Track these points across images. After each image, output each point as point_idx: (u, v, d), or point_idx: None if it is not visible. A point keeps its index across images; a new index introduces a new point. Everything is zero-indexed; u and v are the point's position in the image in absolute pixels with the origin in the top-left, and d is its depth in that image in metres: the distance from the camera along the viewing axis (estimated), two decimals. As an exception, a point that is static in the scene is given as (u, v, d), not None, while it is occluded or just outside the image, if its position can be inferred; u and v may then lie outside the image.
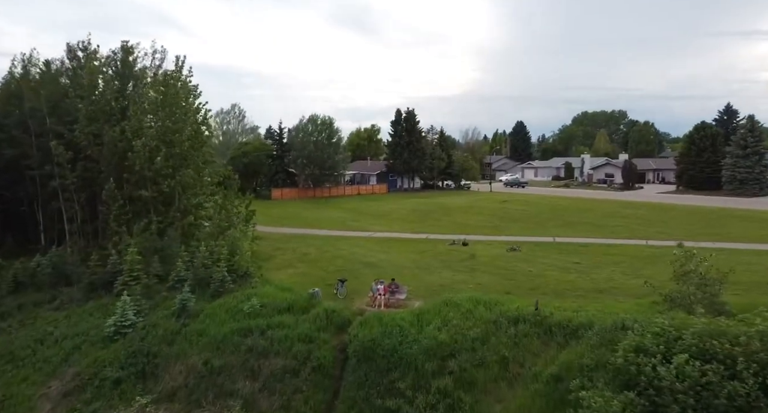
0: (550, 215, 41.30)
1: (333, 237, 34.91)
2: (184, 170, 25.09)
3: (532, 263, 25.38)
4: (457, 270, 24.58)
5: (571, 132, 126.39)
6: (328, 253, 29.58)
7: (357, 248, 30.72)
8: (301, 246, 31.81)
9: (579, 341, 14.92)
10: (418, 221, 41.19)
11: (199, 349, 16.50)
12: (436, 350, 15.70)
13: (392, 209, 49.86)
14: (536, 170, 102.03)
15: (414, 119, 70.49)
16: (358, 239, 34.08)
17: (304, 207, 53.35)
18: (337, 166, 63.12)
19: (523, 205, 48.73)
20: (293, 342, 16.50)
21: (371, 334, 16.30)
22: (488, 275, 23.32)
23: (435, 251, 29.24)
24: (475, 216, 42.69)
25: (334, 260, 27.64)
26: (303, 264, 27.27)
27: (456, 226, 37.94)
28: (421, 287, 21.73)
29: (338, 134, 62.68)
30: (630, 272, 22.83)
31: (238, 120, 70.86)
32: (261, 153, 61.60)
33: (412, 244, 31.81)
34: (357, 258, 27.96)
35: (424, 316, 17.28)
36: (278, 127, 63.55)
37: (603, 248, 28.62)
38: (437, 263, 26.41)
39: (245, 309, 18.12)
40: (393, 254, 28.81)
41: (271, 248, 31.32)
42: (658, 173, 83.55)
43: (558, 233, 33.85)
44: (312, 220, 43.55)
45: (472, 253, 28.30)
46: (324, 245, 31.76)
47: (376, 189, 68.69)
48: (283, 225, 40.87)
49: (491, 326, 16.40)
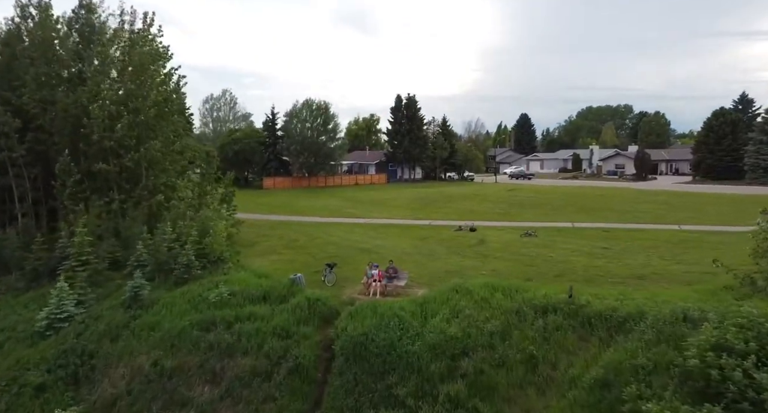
0: (564, 202, 38.10)
1: (326, 224, 31.78)
2: (151, 142, 21.93)
3: (552, 249, 22.23)
4: (466, 256, 21.45)
5: (578, 124, 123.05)
6: (318, 239, 26.45)
7: (351, 235, 27.59)
8: (289, 233, 28.69)
9: (628, 336, 11.77)
10: (419, 209, 38.03)
11: (149, 347, 13.38)
12: (444, 346, 12.57)
13: (391, 197, 46.69)
14: (542, 162, 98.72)
15: (415, 106, 67.29)
16: (354, 225, 30.95)
17: (296, 196, 50.16)
18: (334, 154, 59.93)
19: (534, 192, 45.53)
20: (266, 337, 13.37)
21: (363, 327, 13.19)
22: (503, 262, 20.18)
23: (439, 237, 26.10)
24: (482, 203, 39.51)
25: (325, 247, 24.52)
26: (289, 251, 24.14)
27: (461, 213, 34.76)
28: (425, 274, 18.61)
29: (334, 120, 59.51)
30: (669, 258, 19.67)
31: (230, 107, 67.63)
32: (252, 140, 58.35)
33: (414, 230, 28.67)
34: (351, 244, 24.84)
35: (428, 305, 14.16)
36: (270, 112, 60.32)
37: (629, 233, 25.45)
38: (442, 249, 23.28)
39: (211, 298, 15.00)
40: (392, 240, 25.68)
41: (254, 235, 28.19)
42: (671, 163, 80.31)
43: (576, 218, 30.69)
44: (304, 208, 40.38)
45: (481, 238, 25.16)
46: (315, 232, 28.63)
47: (375, 179, 65.50)
48: (272, 213, 37.72)
49: (513, 317, 13.27)
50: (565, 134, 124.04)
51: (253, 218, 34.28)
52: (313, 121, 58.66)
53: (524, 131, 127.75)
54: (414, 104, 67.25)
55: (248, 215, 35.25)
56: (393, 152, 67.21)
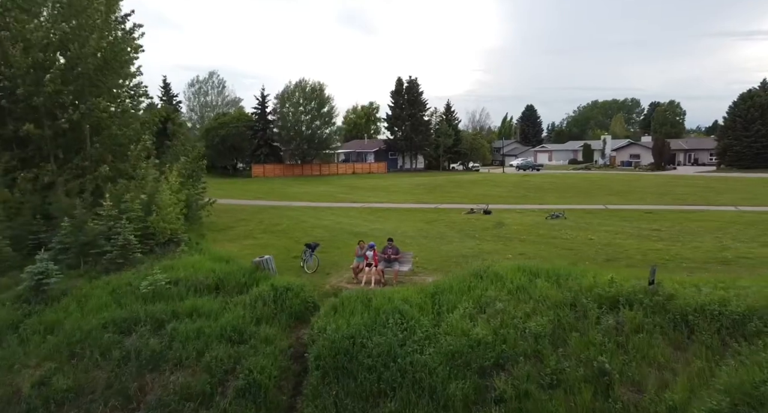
0: (588, 186, 34.07)
1: (316, 208, 27.76)
2: (93, 100, 17.89)
3: (590, 231, 18.21)
4: (484, 240, 17.42)
5: (587, 114, 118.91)
6: (305, 223, 22.44)
7: (345, 218, 23.58)
8: (273, 217, 24.68)
9: (756, 343, 7.76)
10: (424, 194, 34.01)
11: (38, 357, 9.37)
12: (468, 355, 8.57)
13: (392, 183, 42.68)
14: (551, 154, 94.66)
15: (417, 89, 63.26)
16: (348, 209, 26.93)
17: (287, 184, 46.16)
18: (329, 140, 55.90)
19: (551, 178, 41.52)
20: (210, 341, 9.37)
21: (350, 327, 9.19)
22: (532, 245, 16.15)
23: (448, 220, 22.09)
24: (495, 188, 35.49)
25: (311, 231, 20.50)
26: (268, 235, 20.13)
27: (472, 197, 30.73)
28: (435, 258, 14.62)
29: (330, 103, 55.43)
30: (746, 240, 15.64)
31: (218, 91, 63.55)
32: (241, 125, 54.31)
33: (418, 213, 24.65)
34: (343, 228, 20.85)
35: (443, 296, 10.14)
36: (260, 94, 56.25)
37: (678, 214, 21.41)
38: (453, 232, 19.26)
39: (141, 289, 10.98)
40: (392, 224, 21.67)
41: (231, 220, 24.17)
42: (689, 153, 76.17)
43: (607, 201, 26.67)
44: (294, 194, 36.36)
45: (499, 221, 21.15)
46: (302, 216, 24.62)
47: (374, 168, 61.46)
48: (257, 198, 33.73)
49: (567, 312, 9.24)
50: (574, 123, 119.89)
51: (233, 203, 30.34)
52: (306, 104, 54.64)
53: (530, 123, 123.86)
54: (416, 87, 63.24)
55: (228, 201, 31.35)
56: (393, 139, 63.17)
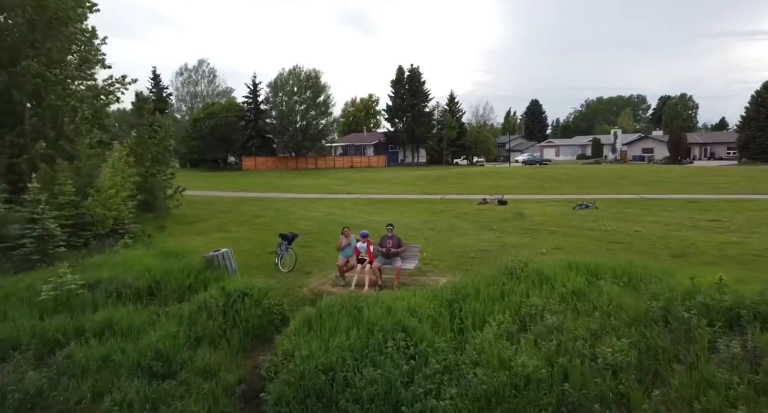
0: (609, 177, 31.00)
1: (307, 200, 24.71)
2: (30, 61, 14.84)
3: (630, 222, 15.15)
4: (505, 231, 14.37)
5: (595, 108, 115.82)
6: (292, 215, 19.41)
7: (338, 210, 20.55)
8: (256, 209, 21.63)
9: None
10: (428, 185, 30.95)
11: None
12: (512, 401, 5.49)
13: (392, 176, 39.64)
14: (558, 149, 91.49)
15: (419, 78, 60.13)
16: (343, 201, 23.88)
17: (279, 176, 43.10)
18: (325, 131, 52.85)
19: (565, 170, 38.46)
20: (119, 375, 6.30)
21: (329, 351, 6.13)
22: (568, 238, 13.09)
23: (458, 211, 19.03)
24: (505, 180, 32.38)
25: (297, 223, 17.45)
26: (244, 228, 17.08)
27: (482, 188, 27.65)
28: (447, 254, 11.59)
29: (326, 92, 52.36)
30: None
31: (208, 80, 60.47)
32: (231, 115, 51.24)
33: (422, 204, 21.60)
34: (335, 220, 17.79)
35: (465, 304, 7.08)
36: (252, 82, 53.16)
37: (731, 203, 18.36)
38: (466, 223, 16.20)
39: (42, 295, 7.93)
40: (392, 215, 18.61)
41: (207, 211, 21.12)
42: (705, 147, 72.97)
43: (637, 191, 23.62)
44: (286, 186, 33.29)
45: (518, 211, 18.09)
46: (290, 208, 21.58)
47: (373, 162, 58.35)
48: (244, 190, 30.69)
49: (656, 331, 6.16)
50: (582, 118, 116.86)
51: (215, 194, 27.35)
52: (301, 93, 51.58)
53: (535, 117, 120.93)
54: (418, 76, 60.13)
55: (211, 192, 28.39)
56: (394, 131, 60.06)
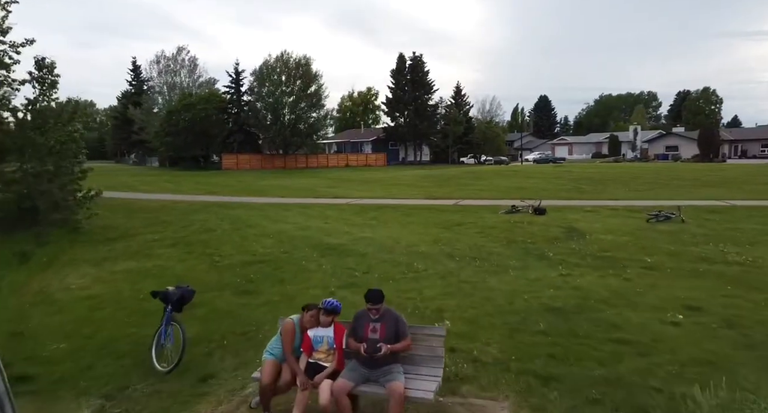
0: (655, 176, 25.96)
1: (284, 206, 19.64)
2: None
3: (749, 244, 10.11)
4: (567, 263, 9.31)
5: (609, 103, 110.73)
6: (253, 229, 14.40)
7: (319, 221, 15.52)
8: (211, 219, 16.63)
9: None
10: (435, 186, 25.94)
11: None
12: None
13: (392, 176, 34.66)
14: (571, 147, 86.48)
15: (422, 68, 55.18)
16: (328, 207, 18.82)
17: (262, 177, 38.08)
18: (317, 126, 47.85)
19: (594, 169, 33.45)
20: None
21: None
22: (681, 279, 8.10)
23: (481, 223, 13.98)
24: (528, 180, 27.36)
25: (255, 242, 12.51)
26: (178, 249, 12.06)
27: (503, 191, 22.68)
28: (488, 320, 6.48)
29: (318, 81, 47.37)
30: None
31: (188, 69, 55.39)
32: (210, 107, 46.20)
33: (430, 213, 16.56)
34: (309, 237, 12.81)
35: None
36: (234, 70, 48.12)
37: None
38: (499, 246, 11.14)
39: None
40: (391, 230, 13.63)
41: (143, 223, 16.12)
42: (736, 145, 67.98)
43: (705, 195, 18.58)
44: (265, 188, 28.27)
45: (568, 225, 13.06)
46: (255, 218, 16.54)
47: (372, 160, 53.35)
48: (210, 193, 25.70)
49: None
50: (595, 114, 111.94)
51: (166, 198, 22.45)
52: (289, 82, 46.58)
53: (543, 114, 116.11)
54: (421, 65, 55.18)
55: (162, 196, 23.56)
56: (394, 126, 55.07)
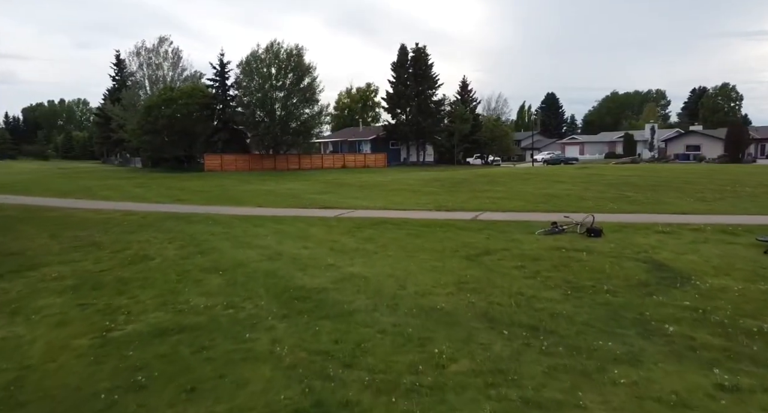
0: (705, 180, 22.01)
1: (258, 218, 15.68)
2: None
3: None
4: (725, 356, 5.33)
5: (621, 101, 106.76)
6: (205, 257, 10.55)
7: (294, 244, 11.63)
8: (158, 237, 12.85)
9: None
10: (444, 193, 22.03)
11: None
12: None
13: (393, 179, 30.79)
14: (582, 146, 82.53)
15: (425, 61, 51.28)
16: (312, 222, 14.83)
17: (246, 180, 34.20)
18: (311, 123, 43.93)
19: (624, 172, 29.50)
20: None
21: None
22: None
23: (518, 253, 10.02)
24: (555, 185, 23.40)
25: (198, 282, 8.64)
26: (66, 300, 8.02)
27: (529, 200, 18.74)
28: None
29: (311, 74, 43.41)
30: None
31: (172, 62, 51.42)
32: (193, 102, 42.26)
33: (445, 232, 12.57)
34: (277, 274, 8.96)
35: None
36: (218, 61, 44.17)
37: None
38: (559, 296, 7.21)
39: None
40: (393, 262, 9.69)
41: (64, 245, 12.31)
42: (763, 144, 63.99)
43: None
44: (242, 195, 24.38)
45: (648, 258, 9.13)
46: (214, 239, 12.66)
47: (370, 161, 49.44)
48: (178, 201, 21.88)
49: None
50: (606, 112, 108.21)
51: (127, 208, 18.75)
52: (280, 76, 42.65)
53: (551, 112, 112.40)
54: (424, 58, 51.26)
55: (123, 205, 19.84)
56: (395, 124, 51.12)
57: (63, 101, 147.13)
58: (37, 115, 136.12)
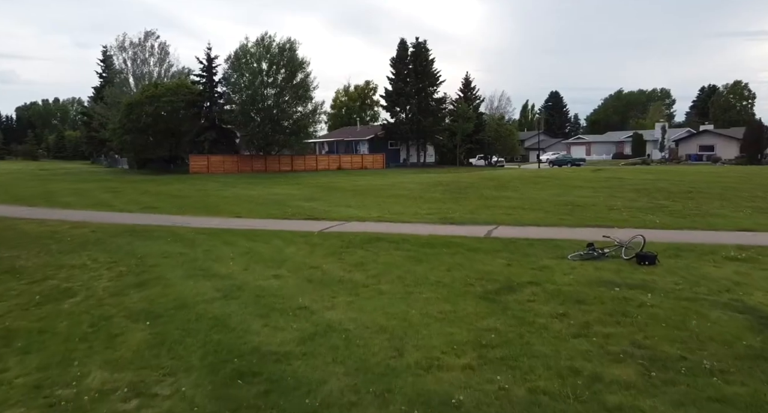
0: (752, 186, 19.55)
1: (228, 233, 13.15)
2: None
3: None
4: None
5: (626, 100, 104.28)
6: (143, 292, 8.06)
7: (263, 273, 9.13)
8: (98, 259, 10.42)
9: None
10: (448, 201, 19.57)
11: None
12: None
13: (392, 182, 28.34)
14: (588, 146, 79.96)
15: (426, 56, 48.82)
16: (291, 239, 12.30)
17: (231, 183, 31.73)
18: (304, 121, 41.44)
19: (647, 175, 27.04)
20: None
21: None
22: None
23: (552, 291, 7.52)
24: (574, 190, 20.92)
25: (114, 339, 6.14)
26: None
27: (548, 210, 16.26)
28: None
29: (305, 69, 40.93)
30: None
31: (159, 58, 48.95)
32: (178, 99, 39.77)
33: (453, 257, 10.06)
34: (228, 325, 6.45)
35: None
36: (205, 55, 41.71)
37: None
38: (638, 384, 4.73)
39: None
40: (387, 303, 7.18)
41: None
42: (777, 144, 61.42)
43: None
44: (222, 202, 21.91)
45: (740, 302, 6.62)
46: (166, 264, 10.20)
47: (368, 162, 46.97)
48: (147, 208, 19.44)
49: None
50: (613, 111, 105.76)
51: (80, 217, 16.39)
52: (271, 71, 40.16)
53: (555, 112, 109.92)
54: (425, 53, 48.79)
55: (77, 214, 17.43)
56: (395, 123, 48.65)
57: (57, 100, 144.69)
58: (31, 114, 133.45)
